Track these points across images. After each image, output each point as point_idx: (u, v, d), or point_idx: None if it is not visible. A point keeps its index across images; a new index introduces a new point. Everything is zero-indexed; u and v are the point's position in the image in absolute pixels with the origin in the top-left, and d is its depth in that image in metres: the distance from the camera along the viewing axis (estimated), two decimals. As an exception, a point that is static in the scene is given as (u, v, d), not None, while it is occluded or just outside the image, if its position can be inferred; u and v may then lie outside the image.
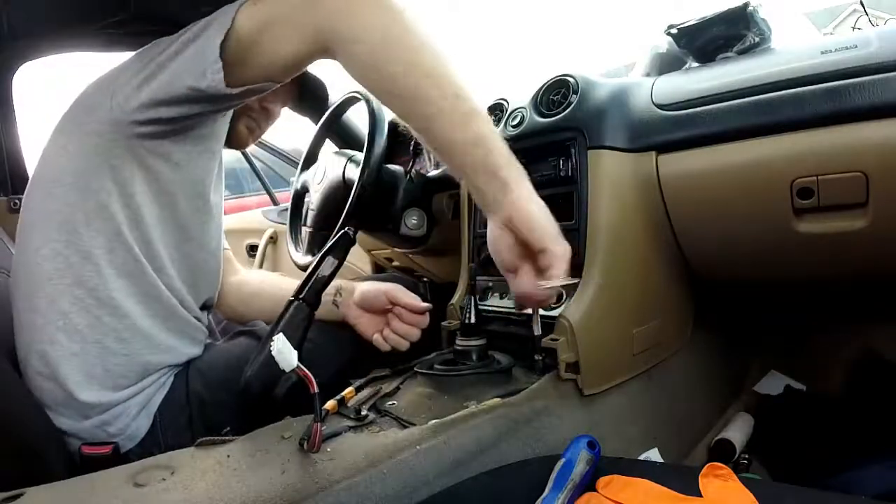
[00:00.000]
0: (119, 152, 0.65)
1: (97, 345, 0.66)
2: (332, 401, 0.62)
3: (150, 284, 0.69)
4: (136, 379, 0.69)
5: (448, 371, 0.70)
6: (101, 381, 0.66)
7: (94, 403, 0.66)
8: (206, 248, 0.78)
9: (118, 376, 0.67)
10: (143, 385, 0.69)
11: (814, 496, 0.46)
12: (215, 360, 0.77)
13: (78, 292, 0.65)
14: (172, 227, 0.71)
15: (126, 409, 0.68)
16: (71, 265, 0.65)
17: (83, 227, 0.65)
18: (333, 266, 0.71)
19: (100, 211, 0.65)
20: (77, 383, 0.65)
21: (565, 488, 0.47)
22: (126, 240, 0.66)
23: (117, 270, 0.66)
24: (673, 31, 0.90)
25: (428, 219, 1.07)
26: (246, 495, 0.46)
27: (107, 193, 0.65)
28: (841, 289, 0.90)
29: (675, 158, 0.76)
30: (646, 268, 0.81)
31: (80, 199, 0.65)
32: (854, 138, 0.64)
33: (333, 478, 0.48)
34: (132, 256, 0.67)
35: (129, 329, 0.68)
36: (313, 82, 1.07)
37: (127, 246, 0.66)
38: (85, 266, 0.65)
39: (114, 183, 0.65)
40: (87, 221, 0.65)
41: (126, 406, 0.68)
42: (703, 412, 0.94)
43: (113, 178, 0.65)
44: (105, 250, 0.65)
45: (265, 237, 1.83)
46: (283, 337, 0.50)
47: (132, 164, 0.66)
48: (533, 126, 0.84)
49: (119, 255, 0.66)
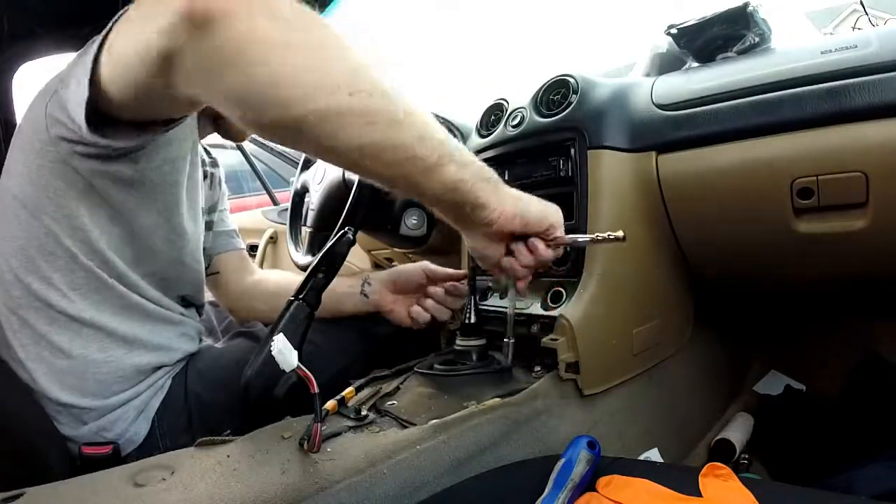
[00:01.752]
0: (62, 175, 0.59)
1: (82, 358, 0.64)
2: (332, 401, 0.62)
3: (119, 296, 0.66)
4: (129, 384, 0.67)
5: (448, 371, 0.70)
6: (94, 391, 0.65)
7: (89, 409, 0.65)
8: (177, 254, 0.72)
9: (111, 383, 0.66)
10: (139, 389, 0.68)
11: (814, 496, 0.46)
12: (214, 361, 0.76)
13: (51, 313, 0.63)
14: (133, 246, 0.66)
15: (123, 414, 0.67)
16: (35, 291, 0.62)
17: (38, 255, 0.61)
18: (333, 266, 0.71)
19: (51, 239, 0.61)
20: (69, 396, 0.64)
21: (565, 488, 0.47)
22: (83, 263, 0.63)
23: (81, 291, 0.63)
24: (673, 31, 0.90)
25: (428, 219, 1.07)
26: (246, 495, 0.46)
27: (55, 221, 0.61)
28: (841, 289, 0.90)
29: (675, 158, 0.76)
30: (646, 268, 0.81)
31: (32, 225, 0.61)
32: (854, 138, 0.64)
33: (333, 478, 0.48)
34: (94, 276, 0.64)
35: (110, 337, 0.65)
36: None
37: (86, 268, 0.63)
38: (49, 290, 0.62)
39: (60, 209, 0.60)
40: (40, 248, 0.61)
41: (123, 410, 0.67)
42: (703, 412, 0.94)
43: (58, 203, 0.60)
44: (63, 274, 0.62)
45: (265, 237, 1.83)
46: (283, 337, 0.50)
47: (77, 188, 0.60)
48: (533, 126, 0.84)
49: (80, 277, 0.63)
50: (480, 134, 0.95)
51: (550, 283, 0.77)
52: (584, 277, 0.73)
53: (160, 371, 0.71)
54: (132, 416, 0.67)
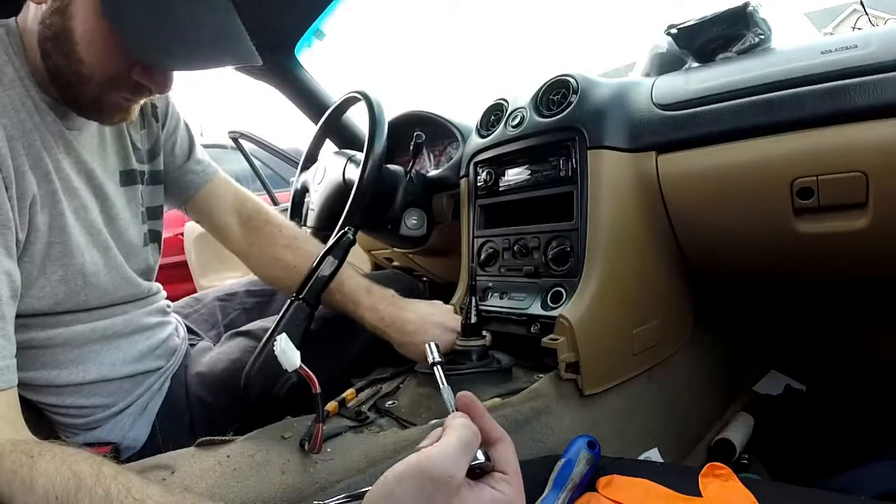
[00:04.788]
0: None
1: (68, 386, 0.62)
2: (333, 402, 0.62)
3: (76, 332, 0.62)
4: (124, 395, 0.66)
5: (448, 371, 0.70)
6: (90, 404, 0.64)
7: (82, 423, 0.64)
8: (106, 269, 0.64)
9: (106, 396, 0.65)
10: (137, 394, 0.67)
11: (814, 496, 0.46)
12: (214, 363, 0.75)
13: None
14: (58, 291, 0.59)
15: (119, 421, 0.66)
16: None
17: None
18: (333, 266, 0.71)
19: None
20: (62, 416, 0.63)
21: (565, 488, 0.47)
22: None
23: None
24: (673, 31, 0.90)
25: (428, 219, 1.07)
26: (246, 495, 0.46)
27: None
28: (841, 289, 0.90)
29: (675, 158, 0.76)
30: (646, 268, 0.81)
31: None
32: (854, 138, 0.64)
33: (333, 478, 0.48)
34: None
35: (79, 347, 0.62)
36: None
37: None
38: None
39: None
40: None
41: (120, 418, 0.66)
42: (703, 412, 0.94)
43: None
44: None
45: (265, 237, 1.83)
46: (286, 337, 0.50)
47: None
48: (533, 126, 0.84)
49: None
50: (480, 134, 0.95)
51: (550, 283, 0.77)
52: (584, 277, 0.73)
53: (153, 374, 0.70)
54: (129, 421, 0.67)
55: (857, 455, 0.77)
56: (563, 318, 0.69)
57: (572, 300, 0.72)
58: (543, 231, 0.80)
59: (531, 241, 0.82)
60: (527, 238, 0.82)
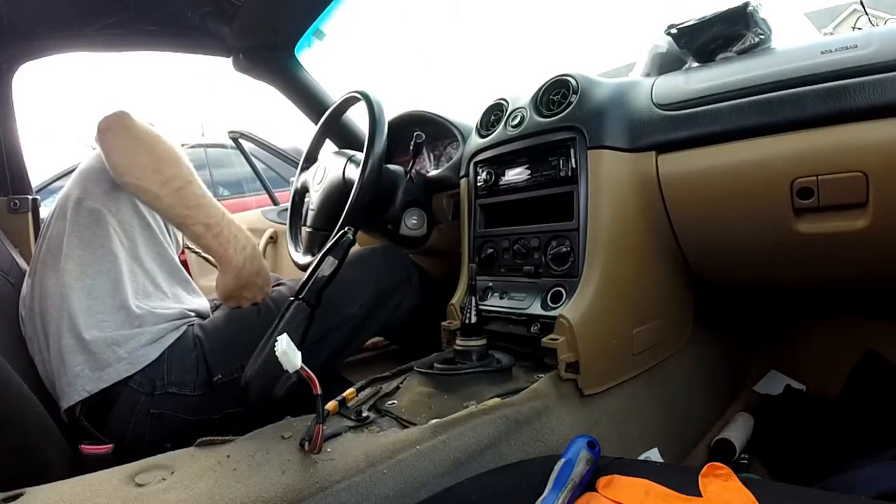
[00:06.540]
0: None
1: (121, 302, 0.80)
2: (334, 402, 0.62)
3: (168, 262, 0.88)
4: (153, 322, 0.81)
5: (448, 371, 0.70)
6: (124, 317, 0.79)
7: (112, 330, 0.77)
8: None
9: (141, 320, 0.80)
10: (162, 329, 0.81)
11: (814, 496, 0.46)
12: (216, 318, 0.88)
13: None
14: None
15: (138, 335, 0.78)
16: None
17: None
18: (333, 266, 0.71)
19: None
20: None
21: (565, 488, 0.47)
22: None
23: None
24: (673, 31, 0.90)
25: (428, 219, 1.07)
26: (246, 495, 0.46)
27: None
28: (841, 289, 0.90)
29: (675, 158, 0.76)
30: (646, 268, 0.81)
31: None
32: (854, 138, 0.64)
33: (333, 478, 0.48)
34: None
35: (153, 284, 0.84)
36: None
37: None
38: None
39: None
40: None
41: (139, 332, 0.79)
42: (703, 412, 0.94)
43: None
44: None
45: (265, 237, 1.83)
46: (287, 338, 0.50)
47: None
48: (533, 126, 0.84)
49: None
50: (480, 134, 0.95)
51: (550, 283, 0.77)
52: (584, 277, 0.73)
53: (179, 321, 0.84)
54: (146, 339, 0.79)
55: (857, 455, 0.77)
56: (563, 318, 0.69)
57: (572, 300, 0.72)
58: (543, 231, 0.81)
59: (531, 241, 0.82)
60: (527, 238, 0.82)
